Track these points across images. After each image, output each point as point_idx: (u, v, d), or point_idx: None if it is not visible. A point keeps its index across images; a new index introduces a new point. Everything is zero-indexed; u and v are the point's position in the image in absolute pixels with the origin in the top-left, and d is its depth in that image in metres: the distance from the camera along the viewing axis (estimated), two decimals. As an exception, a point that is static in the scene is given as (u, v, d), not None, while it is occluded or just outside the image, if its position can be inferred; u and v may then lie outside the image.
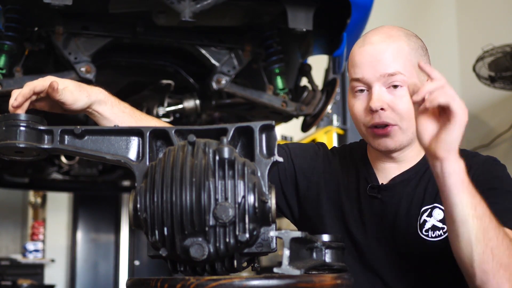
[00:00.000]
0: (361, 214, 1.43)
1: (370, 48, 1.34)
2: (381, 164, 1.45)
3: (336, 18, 2.50)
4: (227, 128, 1.06)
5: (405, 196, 1.40)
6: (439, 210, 1.36)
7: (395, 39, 1.35)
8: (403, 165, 1.43)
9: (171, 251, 0.97)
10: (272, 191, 1.02)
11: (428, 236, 1.35)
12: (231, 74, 2.52)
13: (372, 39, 1.36)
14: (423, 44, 1.41)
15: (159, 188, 0.96)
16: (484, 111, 4.37)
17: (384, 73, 1.32)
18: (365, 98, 1.36)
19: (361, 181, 1.45)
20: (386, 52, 1.33)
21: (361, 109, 1.37)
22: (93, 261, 7.80)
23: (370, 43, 1.35)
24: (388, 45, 1.34)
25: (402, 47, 1.35)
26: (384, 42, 1.34)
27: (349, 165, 1.51)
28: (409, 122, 1.34)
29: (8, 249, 7.81)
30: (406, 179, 1.41)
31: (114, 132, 1.12)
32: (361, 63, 1.35)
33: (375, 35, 1.37)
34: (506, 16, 4.23)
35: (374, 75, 1.33)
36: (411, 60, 1.35)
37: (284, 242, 0.92)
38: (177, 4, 2.13)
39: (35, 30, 2.40)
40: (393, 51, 1.33)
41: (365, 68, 1.34)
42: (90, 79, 2.34)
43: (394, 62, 1.33)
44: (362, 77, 1.35)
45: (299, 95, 2.77)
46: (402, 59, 1.33)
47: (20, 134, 1.09)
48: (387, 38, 1.35)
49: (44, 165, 4.05)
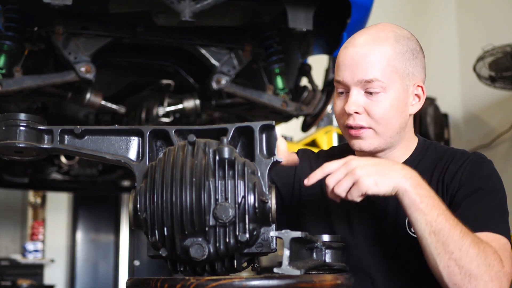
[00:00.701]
0: (348, 213, 1.43)
1: (352, 51, 1.34)
2: None
3: (336, 18, 2.50)
4: (227, 128, 1.06)
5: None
6: None
7: (381, 42, 1.34)
8: None
9: (171, 251, 0.97)
10: (272, 191, 1.01)
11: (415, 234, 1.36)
12: (231, 74, 2.52)
13: (357, 41, 1.35)
14: (415, 46, 1.38)
15: (159, 188, 0.96)
16: (484, 111, 4.36)
17: (361, 79, 1.33)
18: (344, 100, 1.38)
19: None
20: (367, 57, 1.32)
21: (341, 110, 1.39)
22: (93, 261, 7.80)
23: (354, 46, 1.35)
24: (370, 50, 1.33)
25: (386, 51, 1.33)
26: (367, 46, 1.33)
27: None
28: (385, 127, 1.35)
29: (7, 249, 7.80)
30: None
31: (114, 132, 1.12)
32: (342, 66, 1.36)
33: (362, 36, 1.36)
34: (506, 16, 4.22)
35: (352, 80, 1.34)
36: (395, 65, 1.33)
37: (284, 242, 0.92)
38: (177, 4, 2.13)
39: (35, 30, 2.39)
40: (374, 57, 1.32)
41: (345, 71, 1.35)
42: (90, 79, 2.34)
43: (373, 68, 1.32)
44: (342, 80, 1.36)
45: (299, 95, 2.77)
46: (383, 65, 1.32)
47: (20, 134, 1.09)
48: (372, 41, 1.34)
49: (44, 165, 4.04)
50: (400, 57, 1.35)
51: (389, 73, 1.33)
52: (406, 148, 1.43)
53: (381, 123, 1.35)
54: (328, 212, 1.46)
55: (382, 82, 1.32)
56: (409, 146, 1.45)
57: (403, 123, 1.38)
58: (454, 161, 1.38)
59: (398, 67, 1.34)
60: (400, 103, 1.36)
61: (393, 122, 1.36)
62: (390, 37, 1.35)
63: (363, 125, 1.35)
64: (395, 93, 1.34)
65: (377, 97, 1.34)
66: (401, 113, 1.37)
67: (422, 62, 1.41)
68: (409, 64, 1.36)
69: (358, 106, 1.34)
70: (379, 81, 1.32)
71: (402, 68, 1.35)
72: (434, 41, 4.78)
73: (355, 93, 1.34)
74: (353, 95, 1.34)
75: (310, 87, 2.79)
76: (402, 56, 1.35)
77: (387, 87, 1.33)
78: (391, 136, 1.37)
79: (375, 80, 1.32)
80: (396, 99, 1.35)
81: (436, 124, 4.42)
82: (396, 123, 1.36)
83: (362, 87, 1.34)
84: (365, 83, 1.33)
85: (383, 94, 1.33)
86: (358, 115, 1.35)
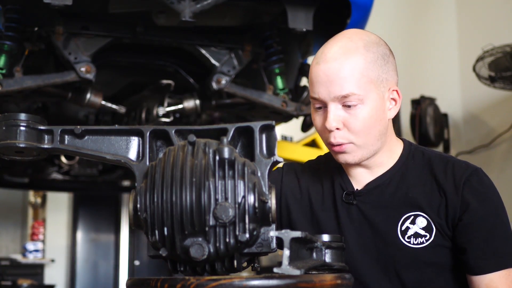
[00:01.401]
0: (338, 222, 1.43)
1: (324, 67, 1.33)
2: (354, 171, 1.46)
3: (336, 18, 2.50)
4: (227, 128, 1.06)
5: (384, 202, 1.40)
6: (422, 218, 1.37)
7: (351, 54, 1.32)
8: (376, 170, 1.43)
9: (171, 251, 0.97)
10: (272, 191, 1.02)
11: (410, 243, 1.36)
12: (231, 74, 2.52)
13: (327, 56, 1.33)
14: (385, 51, 1.37)
15: (159, 188, 0.96)
16: (484, 111, 4.37)
17: (338, 95, 1.32)
18: (323, 115, 1.37)
19: (337, 189, 1.46)
20: (340, 72, 1.31)
21: (321, 125, 1.38)
22: (93, 261, 7.80)
23: (325, 61, 1.33)
24: (342, 64, 1.31)
25: (358, 63, 1.32)
26: (337, 60, 1.32)
27: (323, 175, 1.51)
28: (365, 138, 1.35)
29: (8, 249, 7.81)
30: (381, 184, 1.42)
31: (114, 132, 1.12)
32: (317, 83, 1.35)
33: (331, 50, 1.34)
34: (506, 16, 4.22)
35: (329, 96, 1.33)
36: (368, 74, 1.33)
37: (284, 242, 0.92)
38: (177, 4, 2.13)
39: (35, 30, 2.40)
40: (347, 71, 1.31)
41: (320, 88, 1.34)
42: (90, 79, 2.34)
43: (348, 83, 1.31)
44: (318, 97, 1.35)
45: (299, 95, 2.77)
46: (356, 77, 1.31)
47: (20, 134, 1.09)
48: (343, 54, 1.32)
49: (44, 165, 4.05)
50: (372, 65, 1.33)
51: (364, 84, 1.32)
52: (390, 152, 1.43)
53: (360, 136, 1.35)
54: (319, 224, 1.46)
55: (358, 95, 1.32)
56: (394, 150, 1.44)
57: (382, 130, 1.37)
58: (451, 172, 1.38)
59: (372, 76, 1.33)
60: (379, 111, 1.35)
61: (373, 132, 1.36)
62: (359, 46, 1.34)
63: (343, 142, 1.35)
64: (372, 103, 1.34)
65: (355, 110, 1.33)
66: (380, 121, 1.36)
67: (393, 64, 1.40)
68: (381, 71, 1.35)
69: (338, 122, 1.34)
70: (355, 94, 1.31)
71: (375, 76, 1.34)
72: (434, 41, 4.78)
73: (333, 108, 1.33)
74: (332, 111, 1.33)
75: (310, 87, 2.79)
76: (374, 64, 1.34)
77: (363, 98, 1.32)
78: (372, 144, 1.37)
79: (351, 95, 1.31)
80: (374, 108, 1.34)
81: (436, 124, 4.42)
82: (375, 132, 1.36)
83: (339, 101, 1.33)
84: (342, 98, 1.32)
85: (361, 106, 1.33)
86: (338, 131, 1.34)
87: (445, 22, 4.79)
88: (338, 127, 1.34)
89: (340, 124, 1.34)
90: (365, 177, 1.44)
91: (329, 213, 1.46)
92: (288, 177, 1.55)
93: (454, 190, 1.36)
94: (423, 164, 1.42)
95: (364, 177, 1.44)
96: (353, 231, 1.41)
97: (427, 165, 1.42)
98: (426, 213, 1.36)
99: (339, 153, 1.38)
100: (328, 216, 1.46)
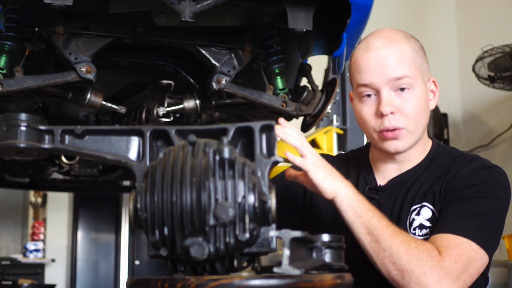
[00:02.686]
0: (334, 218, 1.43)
1: (375, 53, 1.36)
2: (382, 166, 1.46)
3: (336, 18, 2.50)
4: (227, 128, 1.06)
5: (400, 196, 1.41)
6: (427, 209, 1.37)
7: (397, 42, 1.37)
8: (404, 165, 1.44)
9: (171, 251, 0.98)
10: (272, 191, 1.02)
11: (415, 234, 1.37)
12: (231, 74, 2.52)
13: (376, 44, 1.38)
14: (421, 44, 1.43)
15: (160, 188, 0.96)
16: (483, 111, 4.37)
17: (392, 77, 1.35)
18: (373, 103, 1.38)
19: (361, 184, 1.47)
20: (391, 56, 1.35)
21: (370, 114, 1.39)
22: (94, 261, 7.80)
23: (375, 49, 1.37)
24: (392, 49, 1.36)
25: (405, 49, 1.37)
26: (388, 47, 1.36)
27: (350, 170, 1.53)
28: (416, 123, 1.38)
29: (8, 249, 7.81)
30: (404, 181, 1.42)
31: (114, 132, 1.12)
32: (368, 69, 1.37)
33: (377, 40, 1.38)
34: (506, 16, 4.23)
35: (382, 80, 1.35)
36: (415, 62, 1.38)
37: (284, 242, 0.92)
38: (177, 4, 2.13)
39: (36, 30, 2.39)
40: (398, 55, 1.36)
41: (372, 74, 1.36)
42: (90, 79, 2.34)
43: (400, 65, 1.35)
44: (370, 83, 1.36)
45: (299, 95, 2.77)
46: (407, 61, 1.36)
47: (21, 134, 1.09)
48: (390, 42, 1.37)
49: (45, 165, 4.04)
50: (416, 54, 1.39)
51: (413, 70, 1.37)
52: (422, 148, 1.46)
53: (413, 120, 1.37)
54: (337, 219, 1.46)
55: (410, 78, 1.35)
56: (425, 146, 1.47)
57: (427, 119, 1.42)
58: (458, 167, 1.39)
59: (418, 63, 1.38)
60: (425, 98, 1.40)
61: (422, 118, 1.39)
62: (401, 37, 1.39)
63: (398, 126, 1.36)
64: (420, 89, 1.38)
65: (407, 95, 1.36)
66: (426, 109, 1.41)
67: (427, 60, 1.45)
68: (423, 61, 1.41)
69: (393, 106, 1.36)
70: (408, 77, 1.35)
71: (420, 64, 1.39)
72: (434, 41, 4.78)
73: (387, 93, 1.36)
74: (385, 96, 1.36)
75: (310, 87, 2.79)
76: (417, 53, 1.39)
77: (414, 83, 1.36)
78: (420, 132, 1.40)
79: (404, 77, 1.35)
80: (422, 95, 1.38)
81: (436, 124, 4.43)
82: (424, 119, 1.40)
83: (392, 86, 1.36)
84: (396, 80, 1.35)
85: (412, 91, 1.36)
86: (393, 115, 1.36)
87: (445, 23, 4.79)
88: (392, 111, 1.35)
89: (394, 108, 1.36)
90: (391, 173, 1.46)
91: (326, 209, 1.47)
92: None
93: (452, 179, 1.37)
94: (446, 162, 1.44)
95: (391, 172, 1.46)
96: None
97: (449, 164, 1.43)
98: (430, 203, 1.37)
99: (391, 140, 1.38)
100: (325, 212, 1.46)
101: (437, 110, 4.47)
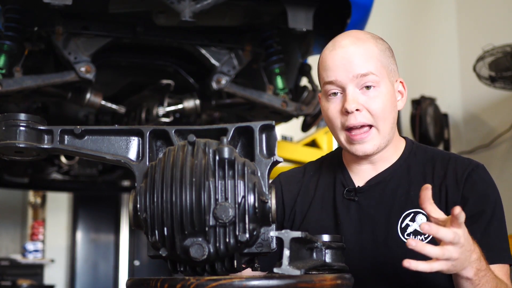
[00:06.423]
0: (337, 220, 1.43)
1: (341, 51, 1.37)
2: (356, 167, 1.46)
3: (336, 18, 2.50)
4: (227, 128, 1.06)
5: (385, 199, 1.40)
6: (422, 215, 1.36)
7: (364, 41, 1.38)
8: (380, 165, 1.44)
9: (171, 251, 0.97)
10: (272, 191, 1.01)
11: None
12: (231, 74, 2.52)
13: (342, 43, 1.38)
14: (389, 46, 1.44)
15: (159, 188, 0.96)
16: (484, 111, 4.37)
17: (357, 74, 1.35)
18: (339, 101, 1.38)
19: (338, 187, 1.46)
20: (357, 54, 1.36)
21: (336, 112, 1.39)
22: (93, 261, 7.80)
23: (341, 47, 1.38)
24: (358, 48, 1.36)
25: (371, 48, 1.37)
26: (354, 45, 1.37)
27: (325, 175, 1.52)
28: (384, 122, 1.37)
29: (7, 249, 7.80)
30: (383, 181, 1.42)
31: (114, 132, 1.12)
32: (334, 66, 1.37)
33: (344, 39, 1.39)
34: (506, 16, 4.23)
35: (347, 77, 1.35)
36: (381, 61, 1.38)
37: (284, 242, 0.92)
38: (177, 4, 2.13)
39: (35, 30, 2.39)
40: (364, 53, 1.36)
41: (338, 71, 1.36)
42: (90, 79, 2.34)
43: (366, 63, 1.35)
44: (335, 80, 1.37)
45: (299, 95, 2.77)
46: (373, 59, 1.36)
47: (20, 134, 1.09)
48: (357, 41, 1.38)
49: (44, 165, 4.05)
50: (383, 53, 1.39)
51: (379, 68, 1.37)
52: (395, 148, 1.45)
53: (381, 119, 1.37)
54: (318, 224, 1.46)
55: (376, 75, 1.36)
56: (398, 146, 1.46)
57: (395, 119, 1.41)
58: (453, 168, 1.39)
59: (384, 62, 1.39)
60: (392, 98, 1.39)
61: (390, 117, 1.39)
62: (368, 37, 1.41)
63: (365, 123, 1.36)
64: (386, 88, 1.38)
65: (373, 93, 1.36)
66: (394, 108, 1.40)
67: (395, 61, 1.45)
68: (390, 61, 1.41)
69: (358, 103, 1.35)
70: (373, 74, 1.35)
71: (386, 64, 1.39)
72: (434, 41, 4.78)
73: (352, 91, 1.36)
74: (350, 93, 1.36)
75: (310, 87, 2.80)
76: (384, 52, 1.40)
77: (380, 81, 1.36)
78: (388, 132, 1.39)
79: (369, 74, 1.35)
80: (389, 94, 1.38)
81: (436, 124, 4.42)
82: (391, 119, 1.39)
83: (357, 83, 1.36)
84: (361, 77, 1.35)
85: (378, 89, 1.36)
86: (359, 112, 1.35)
87: (445, 22, 4.79)
88: (358, 108, 1.35)
89: (360, 105, 1.35)
90: (368, 173, 1.45)
91: (328, 211, 1.46)
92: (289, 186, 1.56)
93: (455, 186, 1.37)
94: (425, 161, 1.43)
95: (367, 173, 1.45)
96: (352, 229, 1.41)
97: (429, 162, 1.43)
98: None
99: (358, 143, 1.38)
100: (327, 214, 1.46)
101: (437, 110, 4.46)
